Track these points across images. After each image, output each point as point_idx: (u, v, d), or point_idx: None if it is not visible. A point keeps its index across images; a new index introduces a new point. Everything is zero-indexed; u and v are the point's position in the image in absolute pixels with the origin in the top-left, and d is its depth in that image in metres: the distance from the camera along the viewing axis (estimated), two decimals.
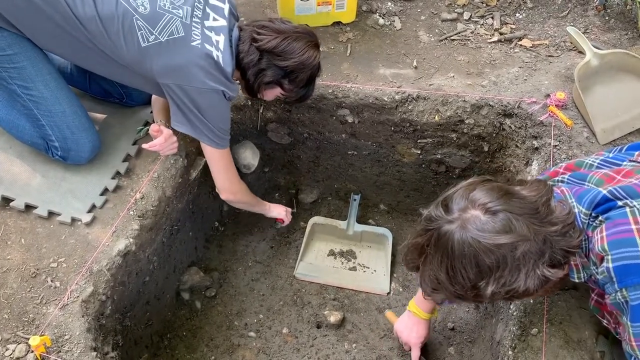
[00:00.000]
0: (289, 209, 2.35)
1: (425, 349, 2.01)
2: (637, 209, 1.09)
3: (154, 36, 1.60)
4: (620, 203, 1.12)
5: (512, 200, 1.09)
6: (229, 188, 1.95)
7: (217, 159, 1.84)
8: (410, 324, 1.87)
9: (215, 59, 1.64)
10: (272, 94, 1.85)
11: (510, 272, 1.07)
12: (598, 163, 1.35)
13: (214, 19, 1.71)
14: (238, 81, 1.84)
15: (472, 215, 1.08)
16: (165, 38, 1.61)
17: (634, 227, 1.07)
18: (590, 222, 1.16)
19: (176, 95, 1.66)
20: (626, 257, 1.06)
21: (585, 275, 1.23)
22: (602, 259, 1.10)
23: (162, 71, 1.63)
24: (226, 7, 1.76)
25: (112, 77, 1.77)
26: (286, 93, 1.83)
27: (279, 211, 2.27)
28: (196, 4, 1.68)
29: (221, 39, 1.69)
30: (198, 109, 1.67)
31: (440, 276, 1.12)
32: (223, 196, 1.97)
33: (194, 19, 1.66)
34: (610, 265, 1.07)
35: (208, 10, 1.71)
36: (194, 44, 1.62)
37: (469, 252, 1.06)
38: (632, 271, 1.05)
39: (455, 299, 1.17)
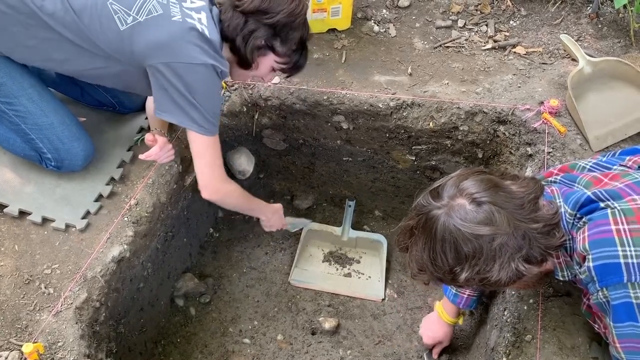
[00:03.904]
0: (281, 221, 2.18)
1: (445, 352, 2.04)
2: (618, 210, 1.11)
3: (131, 17, 1.53)
4: (602, 204, 1.15)
5: (499, 194, 1.12)
6: (210, 184, 1.75)
7: (202, 148, 1.68)
8: (431, 321, 1.96)
9: (201, 30, 1.55)
10: (266, 63, 1.72)
11: (485, 262, 1.11)
12: (590, 166, 1.38)
13: (192, 2, 1.62)
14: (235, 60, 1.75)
15: (458, 204, 1.12)
16: (143, 17, 1.53)
17: (613, 227, 1.09)
18: (575, 223, 1.19)
19: (163, 77, 1.54)
20: (605, 257, 1.08)
21: (570, 274, 1.27)
22: (584, 259, 1.13)
23: (146, 51, 1.54)
24: None
25: (95, 79, 1.71)
26: (280, 59, 1.71)
27: (274, 224, 2.14)
28: None
29: (203, 16, 1.59)
30: (187, 87, 1.55)
31: (423, 257, 1.17)
32: (205, 194, 1.76)
33: (170, 0, 1.58)
34: (591, 264, 1.10)
35: None
36: (174, 19, 1.54)
37: (450, 238, 1.11)
38: (611, 270, 1.08)
39: (436, 281, 1.22)
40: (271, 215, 2.11)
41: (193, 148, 1.69)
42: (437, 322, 1.92)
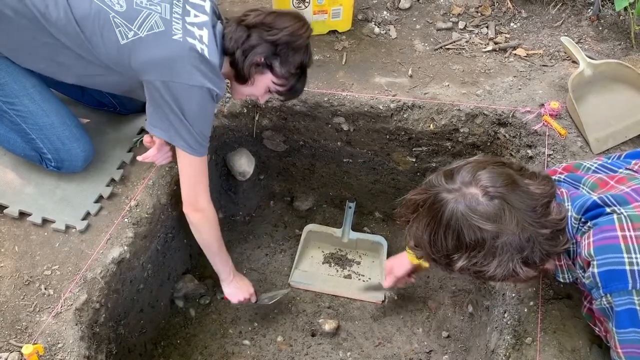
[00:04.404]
0: (253, 296, 2.06)
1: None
2: (624, 216, 1.10)
3: (132, 32, 1.54)
4: (608, 210, 1.13)
5: (515, 192, 1.11)
6: (193, 202, 1.74)
7: (188, 166, 1.69)
8: (396, 256, 2.03)
9: (200, 51, 1.55)
10: (262, 82, 1.71)
11: (484, 256, 1.11)
12: (595, 167, 1.36)
13: (195, 16, 1.63)
14: (228, 81, 1.76)
15: (471, 193, 1.11)
16: (145, 33, 1.54)
17: (619, 233, 1.08)
18: (580, 227, 1.18)
19: (158, 93, 1.55)
20: (611, 263, 1.07)
21: (571, 277, 1.26)
22: (589, 264, 1.12)
23: (145, 67, 1.55)
24: (207, 4, 1.69)
25: (93, 85, 1.72)
26: (277, 80, 1.69)
27: (232, 291, 2.00)
28: (174, 1, 1.62)
29: (205, 33, 1.60)
30: (180, 107, 1.56)
31: (423, 237, 1.16)
32: (185, 209, 1.77)
33: (173, 15, 1.59)
34: (596, 270, 1.09)
35: (188, 7, 1.64)
36: (175, 37, 1.54)
37: (454, 225, 1.10)
38: (616, 277, 1.07)
39: (430, 261, 1.22)
40: (232, 281, 2.00)
41: (180, 165, 1.71)
42: (400, 254, 1.98)
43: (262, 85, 1.73)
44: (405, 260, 1.94)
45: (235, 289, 2.01)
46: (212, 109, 1.67)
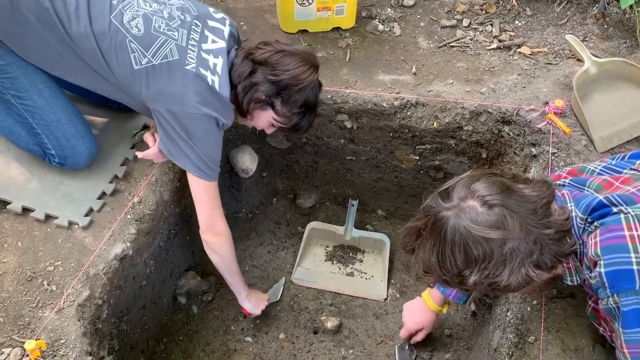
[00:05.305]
0: (265, 301, 2.12)
1: (425, 343, 2.03)
2: (632, 215, 1.09)
3: (147, 59, 1.56)
4: (615, 209, 1.12)
5: (512, 197, 1.10)
6: (211, 227, 1.78)
7: (202, 191, 1.72)
8: (415, 308, 1.94)
9: (210, 83, 1.59)
10: (264, 118, 1.74)
11: (495, 266, 1.09)
12: (600, 169, 1.36)
13: (213, 41, 1.65)
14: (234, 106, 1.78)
15: (469, 206, 1.10)
16: (158, 61, 1.56)
17: (627, 233, 1.07)
18: (586, 227, 1.17)
19: (165, 121, 1.59)
20: (618, 263, 1.07)
21: (579, 279, 1.25)
22: (595, 264, 1.11)
23: (153, 96, 1.58)
24: (226, 29, 1.71)
25: (103, 93, 1.74)
26: (279, 118, 1.71)
27: (253, 305, 2.05)
28: (193, 27, 1.64)
29: (219, 62, 1.63)
30: (188, 135, 1.60)
31: (431, 259, 1.15)
32: (204, 236, 1.80)
33: (190, 42, 1.61)
34: (603, 270, 1.08)
35: (207, 32, 1.66)
36: (188, 67, 1.57)
37: (460, 240, 1.09)
38: (623, 277, 1.06)
39: (443, 284, 1.21)
40: (248, 294, 2.03)
41: (192, 191, 1.73)
42: (422, 309, 1.91)
43: (264, 121, 1.75)
44: (430, 314, 1.90)
45: (255, 301, 2.06)
46: (218, 136, 1.69)
